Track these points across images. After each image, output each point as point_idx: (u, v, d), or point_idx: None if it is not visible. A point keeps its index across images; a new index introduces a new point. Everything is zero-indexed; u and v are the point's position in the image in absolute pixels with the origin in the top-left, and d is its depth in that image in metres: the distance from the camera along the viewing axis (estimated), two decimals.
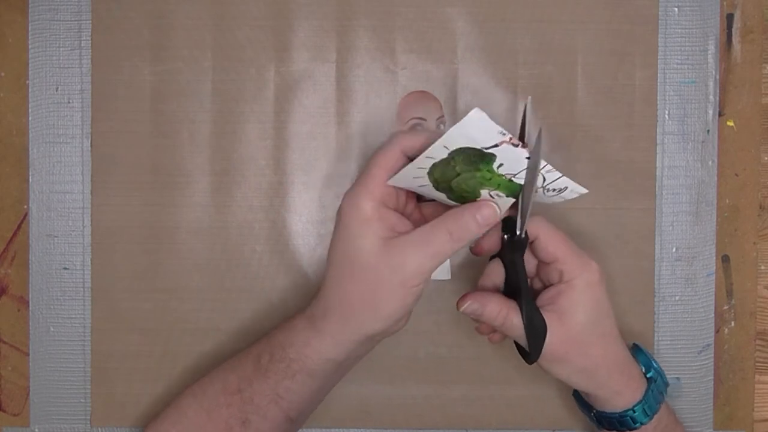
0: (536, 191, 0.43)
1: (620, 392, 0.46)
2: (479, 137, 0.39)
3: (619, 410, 0.46)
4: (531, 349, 0.44)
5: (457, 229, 0.41)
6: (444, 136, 0.39)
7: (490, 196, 0.42)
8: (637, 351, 0.49)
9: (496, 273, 0.47)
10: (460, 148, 0.40)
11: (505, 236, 0.44)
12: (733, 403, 0.54)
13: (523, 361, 0.46)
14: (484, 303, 0.44)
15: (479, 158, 0.40)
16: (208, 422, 0.45)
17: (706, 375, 0.54)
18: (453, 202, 0.44)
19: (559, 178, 0.42)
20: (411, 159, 0.41)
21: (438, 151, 0.40)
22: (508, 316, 0.44)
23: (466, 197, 0.43)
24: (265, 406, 0.44)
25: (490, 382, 0.54)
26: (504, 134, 0.39)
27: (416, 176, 0.42)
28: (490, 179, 0.41)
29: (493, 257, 0.48)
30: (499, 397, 0.54)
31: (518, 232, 0.43)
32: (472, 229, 0.41)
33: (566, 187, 0.43)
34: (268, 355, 0.45)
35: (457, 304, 0.45)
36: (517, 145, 0.39)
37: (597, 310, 0.45)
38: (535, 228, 0.44)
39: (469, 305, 0.44)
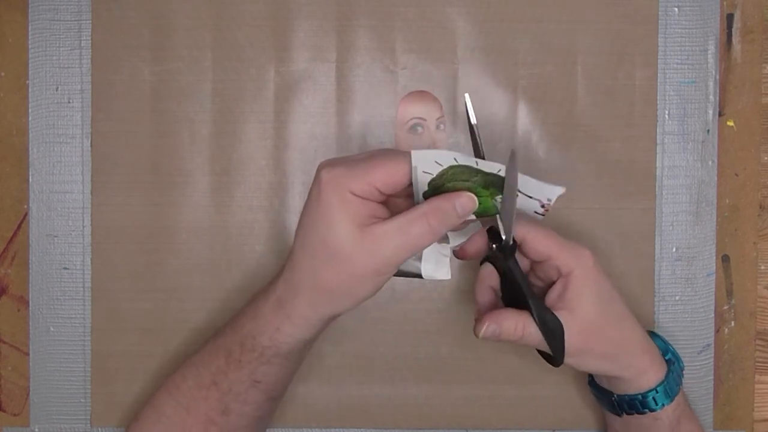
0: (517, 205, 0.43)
1: (646, 371, 0.46)
2: (533, 191, 0.41)
3: (643, 391, 0.46)
4: (555, 352, 0.44)
5: (436, 219, 0.41)
6: (503, 171, 0.41)
7: None
8: (653, 336, 0.49)
9: (490, 276, 0.47)
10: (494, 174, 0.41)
11: (494, 245, 0.44)
12: (733, 403, 0.54)
13: (523, 361, 0.45)
14: (500, 321, 0.44)
15: (498, 186, 0.41)
16: (187, 417, 0.46)
17: (706, 375, 0.54)
18: (421, 198, 0.43)
19: (535, 185, 0.42)
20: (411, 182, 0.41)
21: (468, 161, 0.40)
22: (525, 327, 0.44)
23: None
24: (245, 392, 0.45)
25: (490, 382, 0.54)
26: (549, 202, 0.42)
27: (427, 170, 0.41)
28: (481, 195, 0.42)
29: (482, 261, 0.47)
30: (499, 397, 0.54)
31: (504, 238, 0.43)
32: (451, 218, 0.41)
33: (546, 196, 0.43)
34: (239, 346, 0.44)
35: (475, 330, 0.45)
36: (544, 206, 0.42)
37: (601, 295, 0.45)
38: (520, 230, 0.44)
39: (488, 327, 0.44)
